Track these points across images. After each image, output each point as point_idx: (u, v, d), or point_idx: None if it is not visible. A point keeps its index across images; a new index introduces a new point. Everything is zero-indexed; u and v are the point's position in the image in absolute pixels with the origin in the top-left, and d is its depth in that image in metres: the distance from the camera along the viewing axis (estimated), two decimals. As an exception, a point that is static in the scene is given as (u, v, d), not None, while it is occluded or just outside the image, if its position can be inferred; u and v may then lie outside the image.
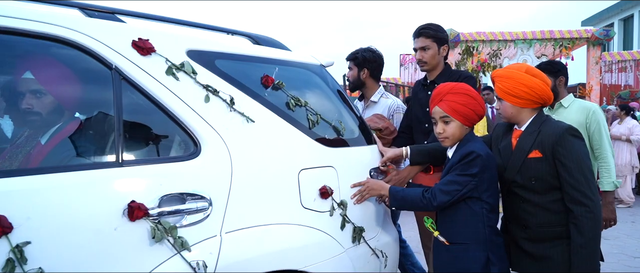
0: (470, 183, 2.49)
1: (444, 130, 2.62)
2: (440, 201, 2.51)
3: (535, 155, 2.52)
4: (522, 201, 2.58)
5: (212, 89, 2.26)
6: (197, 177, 2.13)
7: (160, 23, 2.47)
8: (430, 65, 3.46)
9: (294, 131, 2.50)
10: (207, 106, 2.24)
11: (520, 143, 2.60)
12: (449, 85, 2.63)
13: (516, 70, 2.60)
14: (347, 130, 2.78)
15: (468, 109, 2.57)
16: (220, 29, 2.67)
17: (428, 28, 3.42)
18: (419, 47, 3.46)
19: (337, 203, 2.57)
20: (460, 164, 2.50)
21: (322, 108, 2.71)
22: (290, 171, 2.43)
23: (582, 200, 2.40)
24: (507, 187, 2.64)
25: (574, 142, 2.46)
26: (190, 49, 2.30)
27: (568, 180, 2.43)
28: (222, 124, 2.26)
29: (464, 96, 2.58)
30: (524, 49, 14.71)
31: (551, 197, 2.51)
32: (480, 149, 2.50)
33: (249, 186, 2.26)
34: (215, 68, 2.35)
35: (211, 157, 2.18)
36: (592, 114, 3.69)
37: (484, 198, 2.51)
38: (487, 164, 2.50)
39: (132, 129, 2.10)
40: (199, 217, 2.09)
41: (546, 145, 2.49)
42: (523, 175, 2.56)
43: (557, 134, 2.48)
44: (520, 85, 2.55)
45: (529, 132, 2.59)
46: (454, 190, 2.50)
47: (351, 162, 2.76)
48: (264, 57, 2.59)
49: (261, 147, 2.36)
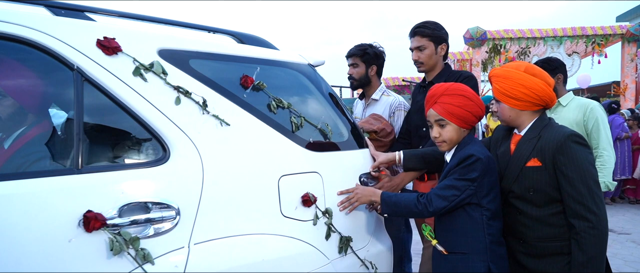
0: (469, 188, 2.31)
1: (439, 134, 2.45)
2: (437, 207, 2.34)
3: (534, 163, 2.32)
4: (518, 213, 2.38)
5: (184, 91, 2.13)
6: (164, 184, 2.01)
7: (136, 21, 2.35)
8: (427, 65, 3.28)
9: (274, 135, 2.35)
10: (178, 109, 2.11)
11: (519, 150, 2.40)
12: (444, 86, 2.45)
13: (514, 70, 2.40)
14: (336, 133, 2.62)
15: (464, 111, 2.39)
16: (201, 27, 2.54)
17: (424, 26, 3.24)
18: (414, 46, 3.29)
19: (322, 212, 2.42)
20: (459, 168, 2.33)
21: (308, 110, 2.56)
22: (269, 177, 2.28)
23: (585, 214, 2.19)
24: (504, 197, 2.45)
25: (577, 150, 2.25)
26: (162, 48, 2.18)
27: (570, 192, 2.22)
28: (194, 128, 2.13)
29: (459, 97, 2.40)
30: (554, 46, 14.29)
31: (551, 210, 2.31)
32: (480, 152, 2.32)
33: (222, 193, 2.13)
34: (189, 68, 2.22)
35: (180, 163, 2.05)
36: (590, 110, 3.54)
37: (483, 204, 2.33)
38: (487, 168, 2.32)
39: (94, 133, 1.99)
40: (165, 227, 1.97)
41: (546, 153, 2.29)
42: (520, 185, 2.36)
43: (558, 140, 2.27)
44: (518, 85, 2.36)
45: (529, 137, 2.39)
46: (451, 196, 2.32)
47: (339, 168, 2.60)
48: (245, 56, 2.45)
49: (237, 152, 2.22)
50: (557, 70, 3.72)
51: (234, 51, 2.42)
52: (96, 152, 1.99)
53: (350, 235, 2.52)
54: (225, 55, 2.38)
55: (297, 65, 2.65)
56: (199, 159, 2.10)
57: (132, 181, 1.94)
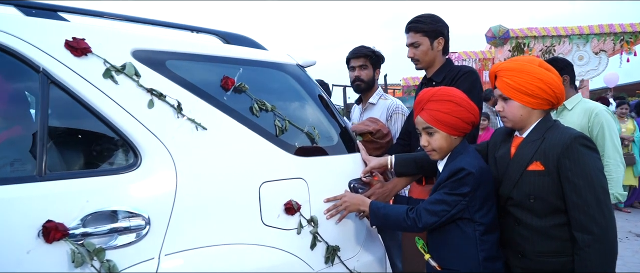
0: (460, 203, 2.16)
1: (428, 143, 2.30)
2: (426, 222, 2.20)
3: (536, 167, 2.14)
4: (517, 223, 2.21)
5: (158, 93, 2.04)
6: (133, 192, 1.91)
7: (116, 21, 2.27)
8: (424, 62, 3.11)
9: (256, 139, 2.24)
10: (151, 112, 2.01)
11: (520, 153, 2.22)
12: (430, 92, 2.29)
13: (529, 63, 2.20)
14: (324, 136, 2.49)
15: (453, 117, 2.23)
16: (184, 26, 2.44)
17: (417, 21, 3.06)
18: (409, 43, 3.11)
19: (307, 220, 2.30)
20: (449, 182, 2.18)
21: (295, 113, 2.44)
22: (249, 184, 2.17)
23: (590, 226, 2.00)
24: (502, 205, 2.28)
25: (584, 154, 2.06)
26: (136, 49, 2.08)
27: (575, 201, 2.04)
28: (168, 132, 2.03)
29: (446, 103, 2.23)
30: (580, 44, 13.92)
31: (553, 221, 2.13)
32: (472, 164, 2.16)
33: (197, 201, 2.03)
34: (165, 69, 2.12)
35: (152, 169, 1.96)
36: (595, 115, 3.34)
37: (476, 219, 2.17)
38: (480, 182, 2.16)
39: (60, 138, 1.90)
40: (134, 238, 1.88)
41: (550, 156, 2.10)
42: (520, 191, 2.18)
43: (563, 143, 2.08)
44: (535, 80, 2.15)
45: (531, 139, 2.21)
46: (441, 211, 2.18)
47: (327, 173, 2.47)
48: (227, 57, 2.34)
49: (214, 157, 2.12)
50: (564, 70, 3.53)
51: (216, 51, 2.31)
52: (62, 158, 1.90)
53: (337, 245, 2.39)
54: (206, 56, 2.27)
55: (284, 66, 2.53)
56: (172, 165, 2.00)
57: (99, 189, 1.86)
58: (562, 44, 13.74)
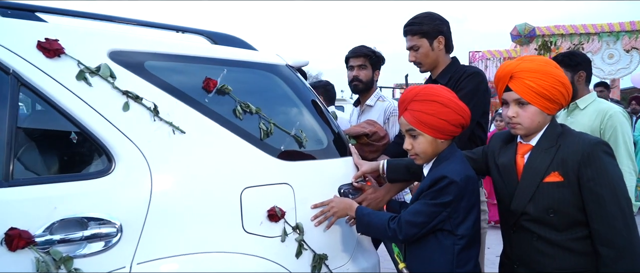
0: (441, 214, 2.04)
1: (412, 146, 2.17)
2: (407, 234, 2.08)
3: (554, 178, 1.96)
4: (536, 239, 2.03)
5: (133, 95, 1.97)
6: (106, 198, 1.85)
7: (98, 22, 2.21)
8: (427, 64, 2.97)
9: (239, 143, 2.16)
10: (126, 115, 1.95)
11: (533, 163, 2.03)
12: (414, 90, 2.16)
13: (549, 64, 2.02)
14: (312, 140, 2.40)
15: (438, 119, 2.08)
16: (168, 26, 2.37)
17: (412, 23, 2.92)
18: (408, 47, 2.98)
19: (292, 227, 2.20)
20: (431, 191, 2.06)
21: (282, 115, 2.35)
22: (230, 190, 2.09)
23: (616, 240, 1.86)
24: (514, 220, 2.10)
25: (607, 162, 1.91)
26: (114, 50, 2.02)
27: (599, 213, 1.89)
28: (143, 136, 1.96)
29: (430, 104, 2.09)
30: (611, 42, 13.53)
31: (574, 234, 1.97)
32: (456, 172, 2.03)
33: (173, 208, 1.96)
34: (143, 71, 2.05)
35: (126, 175, 1.89)
36: (609, 118, 3.11)
37: (458, 232, 2.05)
38: (463, 191, 2.03)
39: (30, 142, 1.85)
40: (104, 246, 1.81)
41: (569, 166, 1.93)
42: (538, 205, 2.00)
43: (584, 150, 1.92)
44: (559, 84, 1.98)
45: (543, 147, 2.02)
46: (421, 223, 2.06)
47: (314, 178, 2.37)
48: (210, 57, 2.26)
49: (193, 162, 2.04)
50: (580, 66, 3.29)
51: (198, 52, 2.24)
52: (30, 163, 1.85)
53: (325, 253, 2.29)
54: (188, 57, 2.20)
55: (272, 67, 2.44)
56: (147, 170, 1.93)
57: (68, 195, 1.80)
58: (590, 42, 13.38)
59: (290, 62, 2.53)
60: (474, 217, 2.10)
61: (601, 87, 9.03)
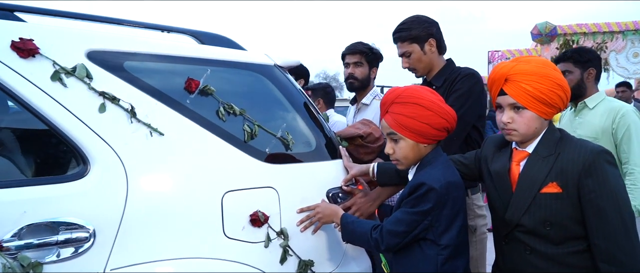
0: (422, 222, 1.95)
1: (393, 151, 2.08)
2: (389, 244, 2.00)
3: (553, 189, 1.84)
4: (529, 252, 1.92)
5: (110, 96, 1.92)
6: (79, 202, 1.80)
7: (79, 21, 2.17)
8: (421, 69, 2.89)
9: (221, 145, 2.09)
10: (102, 117, 1.89)
11: (529, 172, 1.91)
12: (396, 92, 2.06)
13: (547, 66, 1.89)
14: (300, 142, 2.32)
15: (419, 123, 1.99)
16: (153, 26, 2.31)
17: (401, 30, 2.84)
18: (399, 54, 2.91)
19: (276, 232, 2.13)
20: (410, 198, 1.97)
21: (268, 116, 2.28)
22: (210, 194, 2.03)
23: (618, 256, 1.75)
24: (508, 232, 1.99)
25: (610, 173, 1.78)
26: (92, 50, 1.97)
27: (600, 227, 1.77)
28: (120, 138, 1.91)
29: (411, 106, 2.00)
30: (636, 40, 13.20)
31: (571, 248, 1.86)
32: (435, 179, 1.93)
33: (150, 212, 1.90)
34: (123, 71, 2.00)
35: (101, 178, 1.84)
36: (621, 117, 2.95)
37: (441, 241, 1.95)
38: (444, 198, 1.93)
39: (1, 144, 1.80)
40: (76, 251, 1.77)
41: (569, 176, 1.81)
42: (533, 217, 1.89)
43: (586, 159, 1.79)
44: (557, 87, 1.85)
45: (541, 155, 1.90)
46: (402, 232, 1.97)
47: (301, 182, 2.29)
48: (194, 57, 2.20)
49: (171, 165, 1.98)
50: (590, 63, 3.13)
51: (181, 52, 2.18)
52: (1, 165, 1.80)
53: (311, 259, 2.21)
54: (170, 57, 2.14)
55: (259, 67, 2.37)
56: (123, 173, 1.88)
57: (39, 199, 1.75)
58: (614, 40, 13.08)
59: (279, 62, 2.45)
60: (459, 226, 2.01)
61: (624, 87, 8.74)
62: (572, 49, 3.28)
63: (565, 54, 3.18)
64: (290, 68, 2.55)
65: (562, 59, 3.17)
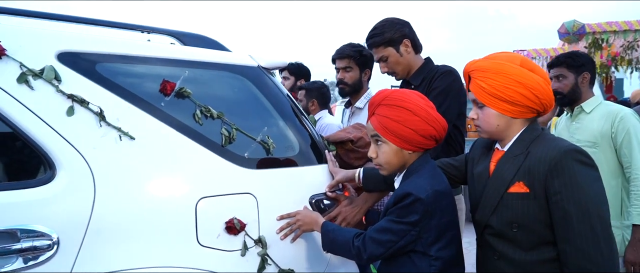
0: (409, 233, 1.85)
1: (376, 154, 1.99)
2: (372, 253, 1.90)
3: (519, 189, 1.78)
4: (497, 257, 1.85)
5: (79, 99, 1.85)
6: (43, 209, 1.75)
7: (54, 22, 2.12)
8: (400, 71, 2.82)
9: (197, 149, 2.02)
10: (70, 120, 1.84)
11: (499, 171, 1.86)
12: (383, 94, 1.97)
13: (508, 62, 1.83)
14: (282, 146, 2.23)
15: (404, 128, 1.89)
16: (131, 26, 2.25)
17: (374, 35, 2.76)
18: (376, 60, 2.85)
19: (254, 240, 2.05)
20: (396, 208, 1.87)
21: (249, 120, 2.19)
22: (184, 200, 1.95)
23: (584, 265, 1.65)
24: (479, 234, 1.93)
25: (578, 173, 1.69)
26: (63, 51, 1.91)
27: (566, 232, 1.68)
28: (88, 143, 1.84)
29: (397, 110, 1.90)
30: (669, 38, 12.79)
31: (542, 255, 1.77)
32: (422, 188, 1.84)
33: (118, 219, 1.84)
34: (94, 73, 1.94)
35: (67, 184, 1.78)
36: (620, 120, 2.85)
37: (432, 252, 1.85)
38: (433, 209, 1.83)
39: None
40: (37, 260, 1.71)
41: (536, 175, 1.74)
42: (500, 218, 1.82)
43: (552, 158, 1.71)
44: (514, 84, 1.79)
45: (513, 154, 1.84)
46: (387, 241, 1.87)
47: (282, 188, 2.20)
48: (172, 58, 2.12)
49: (143, 170, 1.92)
50: (584, 67, 3.06)
51: (158, 53, 2.11)
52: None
53: (291, 268, 2.12)
54: (146, 58, 2.07)
55: (241, 69, 2.28)
56: (90, 179, 1.81)
57: (2, 204, 1.71)
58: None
59: (264, 64, 2.36)
60: (451, 235, 1.91)
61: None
62: (564, 53, 3.21)
63: (558, 59, 3.13)
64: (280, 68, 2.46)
65: (556, 64, 3.12)
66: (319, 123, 3.89)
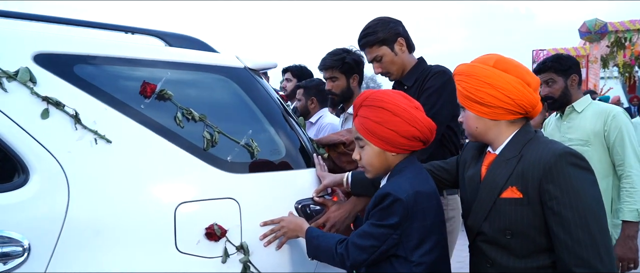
0: (391, 237, 1.79)
1: (359, 156, 1.94)
2: (355, 260, 1.84)
3: (512, 194, 1.70)
4: (490, 264, 1.77)
5: (54, 102, 1.81)
6: (14, 215, 1.70)
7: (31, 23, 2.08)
8: (395, 71, 2.73)
9: (177, 153, 1.97)
10: (44, 123, 1.79)
11: (491, 175, 1.79)
12: (364, 95, 1.93)
13: (480, 64, 1.81)
14: (267, 150, 2.17)
15: (386, 129, 1.84)
16: (114, 27, 2.20)
17: (367, 34, 2.67)
18: (370, 60, 2.75)
19: (236, 246, 1.99)
20: (375, 210, 1.81)
21: (234, 122, 2.14)
22: (162, 205, 1.91)
23: (584, 272, 1.56)
24: (472, 239, 1.85)
25: (574, 177, 1.61)
26: (39, 52, 1.87)
27: (563, 238, 1.60)
28: (63, 146, 1.80)
29: (378, 110, 1.85)
30: (697, 36, 12.49)
31: (536, 262, 1.69)
32: (401, 189, 1.78)
33: (93, 225, 1.79)
34: (72, 75, 1.90)
35: (40, 189, 1.74)
36: (612, 118, 2.88)
37: (414, 258, 1.78)
38: (413, 211, 1.77)
39: None
40: (7, 267, 1.66)
41: (530, 180, 1.67)
42: (493, 224, 1.75)
43: (547, 162, 1.64)
44: (483, 85, 1.75)
45: (505, 157, 1.77)
46: (370, 246, 1.81)
47: (266, 192, 2.14)
48: (154, 59, 2.08)
49: (120, 174, 1.87)
50: (571, 70, 3.07)
51: (140, 54, 2.06)
52: None
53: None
54: (126, 59, 2.02)
55: (226, 70, 2.22)
56: (65, 183, 1.77)
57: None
58: (672, 37, 12.40)
59: (251, 65, 2.30)
60: (436, 240, 1.84)
61: None
62: (550, 57, 3.19)
63: (545, 64, 3.11)
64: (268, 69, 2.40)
65: (543, 70, 3.10)
66: (319, 122, 3.84)
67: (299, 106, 4.02)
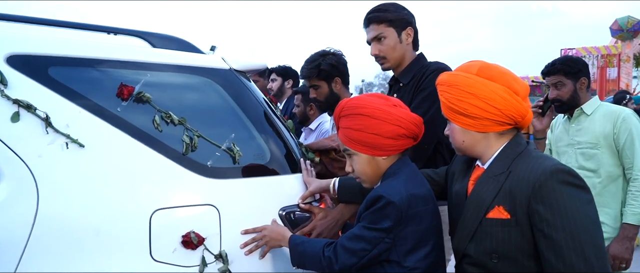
0: (383, 241, 1.70)
1: (351, 168, 1.88)
2: (344, 264, 1.74)
3: (499, 215, 1.58)
4: None
5: (25, 104, 1.75)
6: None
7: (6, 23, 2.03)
8: (392, 59, 2.55)
9: (154, 157, 1.90)
10: (14, 127, 1.74)
11: (477, 192, 1.67)
12: (340, 106, 1.87)
13: (463, 72, 1.70)
14: (250, 154, 2.08)
15: (368, 134, 1.77)
16: (96, 27, 2.14)
17: (379, 10, 2.50)
18: (371, 37, 2.55)
19: (214, 255, 1.90)
20: (368, 213, 1.73)
21: (216, 126, 2.06)
22: (137, 211, 1.84)
23: None
24: (458, 261, 1.73)
25: (566, 197, 1.48)
26: (13, 54, 1.82)
27: (554, 264, 1.47)
28: (33, 150, 1.75)
29: (356, 118, 1.79)
30: None
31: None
32: (395, 191, 1.69)
33: (63, 232, 1.74)
34: (46, 77, 1.84)
35: (7, 194, 1.69)
36: (622, 121, 2.80)
37: (407, 263, 1.70)
38: (407, 214, 1.68)
39: None
40: (-29, 275, 1.61)
41: (518, 200, 1.54)
42: (479, 246, 1.62)
43: (536, 180, 1.51)
44: (467, 95, 1.64)
45: (493, 173, 1.64)
46: (360, 250, 1.72)
47: (248, 199, 2.06)
48: (133, 61, 2.01)
49: (93, 179, 1.81)
50: (580, 73, 2.98)
51: (119, 55, 2.00)
52: None
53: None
54: (103, 61, 1.96)
55: (210, 71, 2.14)
56: (34, 190, 1.71)
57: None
58: None
59: (237, 66, 2.21)
60: (432, 245, 1.76)
61: None
62: (559, 59, 3.07)
63: (554, 66, 3.00)
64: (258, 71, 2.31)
65: (552, 72, 3.00)
66: (319, 128, 3.76)
67: (297, 112, 3.95)
